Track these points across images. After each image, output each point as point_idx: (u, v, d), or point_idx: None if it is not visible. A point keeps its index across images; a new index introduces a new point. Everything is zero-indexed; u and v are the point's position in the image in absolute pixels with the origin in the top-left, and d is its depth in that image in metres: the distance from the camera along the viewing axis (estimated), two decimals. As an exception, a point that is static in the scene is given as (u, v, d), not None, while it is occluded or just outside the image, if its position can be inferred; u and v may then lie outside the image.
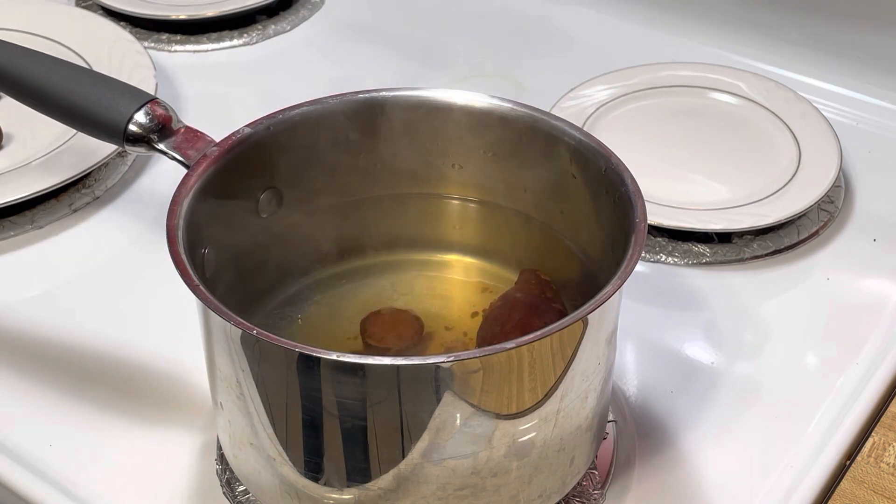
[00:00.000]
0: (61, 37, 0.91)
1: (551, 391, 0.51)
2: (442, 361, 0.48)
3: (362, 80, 0.64)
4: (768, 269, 0.75)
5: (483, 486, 0.52)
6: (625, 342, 0.69)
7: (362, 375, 0.49)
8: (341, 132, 0.61)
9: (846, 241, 0.77)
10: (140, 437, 0.63)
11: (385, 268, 0.64)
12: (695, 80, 0.89)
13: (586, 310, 0.49)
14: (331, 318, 0.62)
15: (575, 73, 0.89)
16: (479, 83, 0.92)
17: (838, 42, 0.92)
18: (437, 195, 0.65)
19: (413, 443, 0.50)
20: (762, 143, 0.83)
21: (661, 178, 0.79)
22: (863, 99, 0.90)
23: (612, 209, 0.56)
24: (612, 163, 0.57)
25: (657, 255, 0.75)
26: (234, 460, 0.57)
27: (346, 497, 0.52)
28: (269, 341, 0.48)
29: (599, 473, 0.61)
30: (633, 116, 0.86)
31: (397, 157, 0.63)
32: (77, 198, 0.79)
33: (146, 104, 0.60)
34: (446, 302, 0.63)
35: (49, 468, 0.61)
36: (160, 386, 0.66)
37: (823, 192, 0.77)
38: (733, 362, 0.68)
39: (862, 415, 0.64)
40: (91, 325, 0.70)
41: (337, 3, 1.04)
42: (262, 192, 0.61)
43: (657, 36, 0.98)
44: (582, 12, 1.01)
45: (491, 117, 0.61)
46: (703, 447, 0.63)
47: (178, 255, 0.51)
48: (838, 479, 0.61)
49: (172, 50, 0.97)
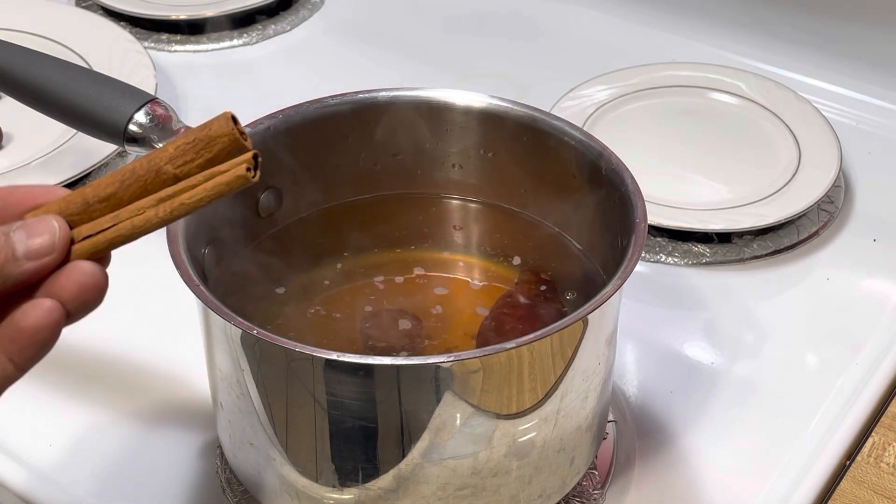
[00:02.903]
0: (61, 37, 0.91)
1: (551, 391, 0.51)
2: (442, 361, 0.48)
3: (362, 80, 0.64)
4: (768, 269, 0.75)
5: (483, 486, 0.52)
6: (625, 342, 0.69)
7: (362, 375, 0.49)
8: (341, 132, 0.61)
9: (846, 241, 0.77)
10: (140, 437, 0.63)
11: (385, 268, 0.64)
12: (695, 80, 0.89)
13: (586, 310, 0.49)
14: (331, 318, 0.62)
15: (575, 73, 0.89)
16: (479, 83, 0.92)
17: (838, 42, 0.92)
18: (437, 195, 0.65)
19: (413, 443, 0.50)
20: (762, 143, 0.83)
21: (661, 178, 0.79)
22: (863, 99, 0.90)
23: (612, 209, 0.56)
24: (612, 163, 0.57)
25: (657, 255, 0.75)
26: (234, 460, 0.57)
27: (346, 497, 0.52)
28: (269, 341, 0.48)
29: (599, 473, 0.61)
30: (633, 116, 0.86)
31: (397, 157, 0.63)
32: (77, 198, 0.79)
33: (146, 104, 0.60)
34: (446, 302, 0.63)
35: (49, 468, 0.61)
36: (160, 386, 0.66)
37: (823, 192, 0.77)
38: (733, 362, 0.68)
39: (862, 415, 0.64)
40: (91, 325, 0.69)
41: (337, 3, 1.04)
42: (262, 192, 0.61)
43: (657, 36, 0.98)
44: (582, 12, 1.01)
45: (491, 117, 0.61)
46: (703, 447, 0.63)
47: (178, 255, 0.51)
48: (838, 479, 0.61)
49: (172, 50, 0.97)
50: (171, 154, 0.42)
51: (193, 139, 0.42)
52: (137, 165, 0.42)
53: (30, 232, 0.42)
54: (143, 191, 0.42)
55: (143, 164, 0.42)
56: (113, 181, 0.43)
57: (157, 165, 0.42)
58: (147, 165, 0.42)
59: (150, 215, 0.42)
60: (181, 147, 0.42)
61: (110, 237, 0.43)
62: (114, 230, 0.43)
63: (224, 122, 0.42)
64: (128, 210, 0.42)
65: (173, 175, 0.42)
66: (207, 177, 0.42)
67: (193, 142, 0.42)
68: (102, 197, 0.43)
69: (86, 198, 0.43)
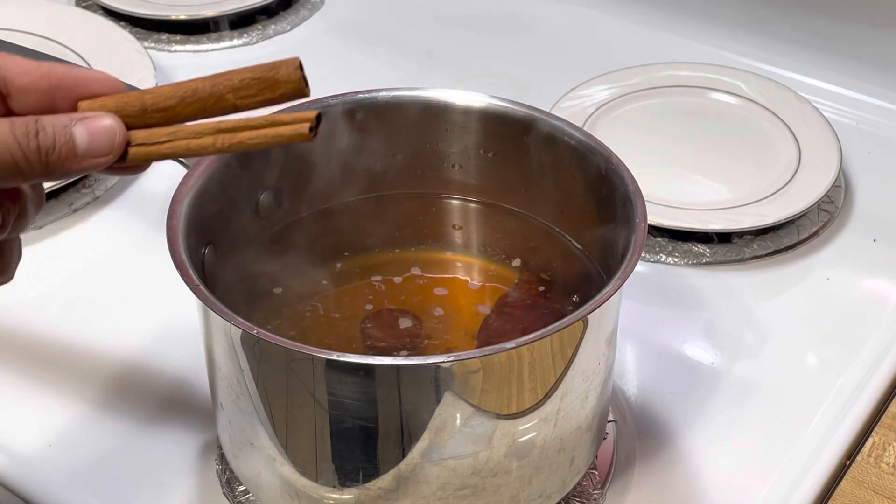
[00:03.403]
0: (61, 37, 0.91)
1: (551, 391, 0.51)
2: (442, 361, 0.48)
3: (362, 80, 0.64)
4: (768, 269, 0.75)
5: (483, 486, 0.52)
6: (625, 342, 0.69)
7: (362, 375, 0.49)
8: (341, 132, 0.61)
9: (846, 241, 0.77)
10: (140, 437, 0.63)
11: (384, 268, 0.64)
12: (695, 80, 0.89)
13: (586, 310, 0.49)
14: (331, 318, 0.62)
15: (575, 73, 0.89)
16: (479, 83, 0.92)
17: (838, 42, 0.92)
18: (437, 195, 0.65)
19: (413, 443, 0.50)
20: (762, 143, 0.83)
21: (661, 178, 0.79)
22: (863, 99, 0.90)
23: (612, 209, 0.56)
24: (612, 163, 0.57)
25: (657, 255, 0.75)
26: (234, 460, 0.57)
27: (345, 497, 0.52)
28: (269, 341, 0.48)
29: (599, 473, 0.61)
30: (633, 116, 0.86)
31: (397, 157, 0.63)
32: (77, 198, 0.79)
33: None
34: (446, 302, 0.63)
35: (49, 468, 0.61)
36: (160, 386, 0.66)
37: (823, 192, 0.77)
38: (733, 362, 0.68)
39: (862, 415, 0.64)
40: (91, 325, 0.70)
41: (337, 3, 1.04)
42: (262, 192, 0.61)
43: (657, 36, 0.98)
44: (582, 12, 1.01)
45: (491, 117, 0.61)
46: (703, 447, 0.63)
47: (178, 255, 0.51)
48: (838, 479, 0.61)
49: (172, 50, 0.97)
50: (234, 84, 0.44)
51: (260, 77, 0.44)
52: (200, 87, 0.44)
53: (91, 129, 0.43)
54: (200, 111, 0.44)
55: (205, 86, 0.44)
56: (174, 94, 0.44)
57: (219, 91, 0.44)
58: (210, 89, 0.44)
59: (206, 142, 0.44)
60: (246, 80, 0.44)
61: (165, 151, 0.44)
62: (169, 146, 0.44)
63: (292, 69, 0.44)
64: (185, 130, 0.44)
65: (232, 104, 0.44)
66: (269, 122, 0.44)
67: (259, 80, 0.44)
68: (161, 108, 0.44)
69: (144, 104, 0.44)
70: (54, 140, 0.43)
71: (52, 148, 0.43)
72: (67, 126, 0.43)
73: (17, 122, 0.43)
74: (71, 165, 0.43)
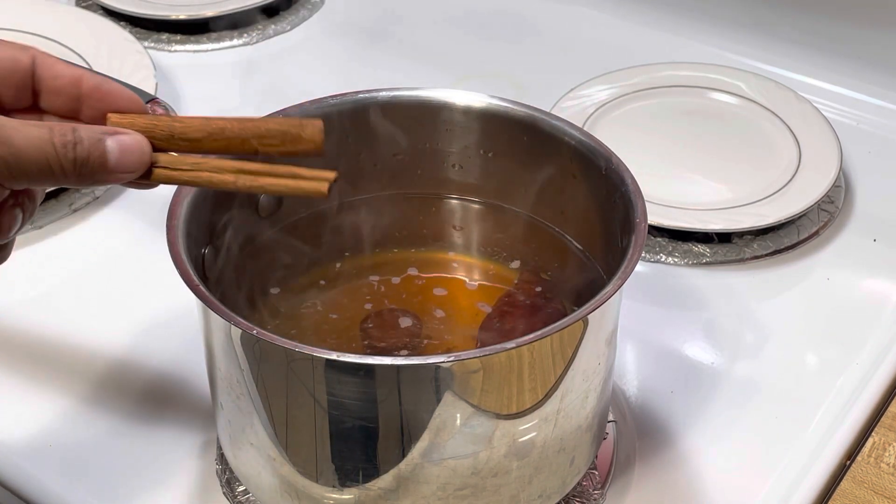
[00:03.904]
0: (61, 37, 0.91)
1: (551, 391, 0.51)
2: (442, 361, 0.48)
3: (362, 80, 0.64)
4: (768, 269, 0.75)
5: (483, 486, 0.52)
6: (625, 342, 0.69)
7: (362, 375, 0.49)
8: (341, 132, 0.61)
9: (846, 241, 0.77)
10: (140, 437, 0.63)
11: (384, 267, 0.64)
12: (695, 80, 0.89)
13: (586, 310, 0.49)
14: (330, 317, 0.62)
15: (575, 73, 0.89)
16: (479, 83, 0.92)
17: (838, 42, 0.92)
18: (437, 195, 0.65)
19: (413, 443, 0.50)
20: (762, 143, 0.83)
21: (661, 178, 0.79)
22: (863, 99, 0.90)
23: (612, 209, 0.56)
24: (612, 163, 0.57)
25: (657, 255, 0.75)
26: (234, 460, 0.57)
27: (345, 497, 0.52)
28: (269, 341, 0.48)
29: (599, 473, 0.61)
30: (633, 116, 0.86)
31: (397, 157, 0.63)
32: (77, 198, 0.79)
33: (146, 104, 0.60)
34: (446, 302, 0.63)
35: (49, 468, 0.61)
36: (160, 386, 0.66)
37: (823, 192, 0.77)
38: (733, 362, 0.68)
39: (862, 415, 0.64)
40: (91, 325, 0.70)
41: (337, 3, 1.04)
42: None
43: (657, 36, 0.98)
44: (582, 12, 1.01)
45: (491, 117, 0.61)
46: (703, 447, 0.63)
47: (178, 255, 0.51)
48: (838, 479, 0.61)
49: (172, 50, 0.97)
50: (261, 132, 0.47)
51: (286, 130, 0.46)
52: (228, 127, 0.47)
53: (122, 146, 0.46)
54: (223, 148, 0.47)
55: (234, 127, 0.47)
56: (203, 129, 0.47)
57: (245, 135, 0.47)
58: (237, 131, 0.47)
59: (228, 179, 0.47)
60: (272, 130, 0.47)
61: (186, 179, 0.47)
62: (191, 175, 0.47)
63: (318, 132, 0.47)
64: (209, 164, 0.47)
65: (254, 149, 0.47)
66: (291, 175, 0.47)
67: (284, 133, 0.46)
68: (188, 138, 0.47)
69: (173, 131, 0.47)
70: (89, 152, 0.45)
71: (87, 159, 0.45)
72: (101, 140, 0.45)
73: (55, 129, 0.45)
74: (100, 177, 0.46)
